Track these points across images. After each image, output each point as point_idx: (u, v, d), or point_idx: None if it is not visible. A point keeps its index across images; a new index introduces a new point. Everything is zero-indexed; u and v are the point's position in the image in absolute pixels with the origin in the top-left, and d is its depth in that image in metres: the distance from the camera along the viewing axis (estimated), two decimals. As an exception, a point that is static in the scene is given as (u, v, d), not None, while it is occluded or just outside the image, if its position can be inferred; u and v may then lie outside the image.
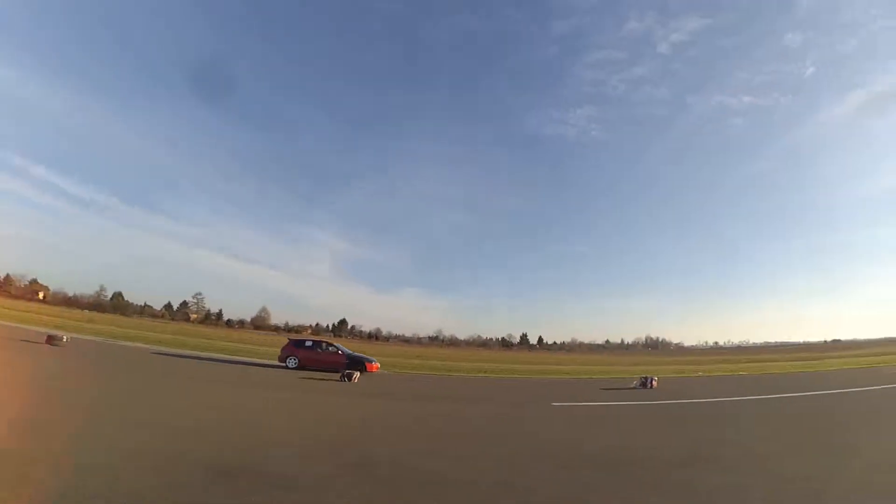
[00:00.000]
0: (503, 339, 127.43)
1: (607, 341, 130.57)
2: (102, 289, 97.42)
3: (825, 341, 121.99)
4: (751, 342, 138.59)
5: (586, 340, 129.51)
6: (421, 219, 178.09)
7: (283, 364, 18.37)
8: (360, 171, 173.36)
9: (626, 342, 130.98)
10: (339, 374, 15.37)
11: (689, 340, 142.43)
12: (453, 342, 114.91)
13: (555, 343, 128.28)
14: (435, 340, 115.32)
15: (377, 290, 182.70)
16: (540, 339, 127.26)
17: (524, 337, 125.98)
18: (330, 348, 19.39)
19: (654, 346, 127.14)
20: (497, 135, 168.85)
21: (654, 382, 17.13)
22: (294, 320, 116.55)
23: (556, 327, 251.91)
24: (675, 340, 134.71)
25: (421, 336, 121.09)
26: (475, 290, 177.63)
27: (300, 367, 18.03)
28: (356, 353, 19.75)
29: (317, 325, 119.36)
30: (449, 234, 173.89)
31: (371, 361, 18.43)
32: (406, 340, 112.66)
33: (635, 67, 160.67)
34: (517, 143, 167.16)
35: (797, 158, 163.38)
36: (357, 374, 15.42)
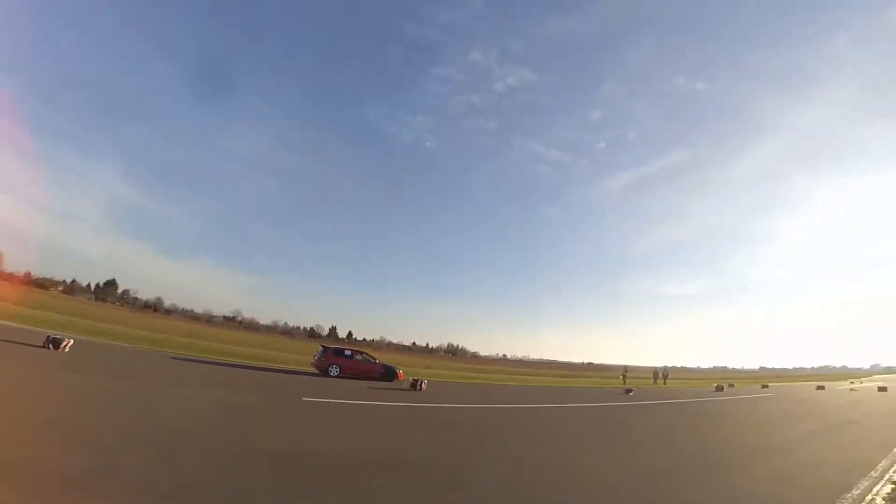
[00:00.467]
0: (311, 329, 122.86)
1: (414, 343, 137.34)
2: None
3: (583, 362, 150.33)
4: (533, 357, 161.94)
5: (395, 340, 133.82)
6: (229, 181, 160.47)
7: (324, 373, 18.38)
8: (162, 100, 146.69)
9: (430, 346, 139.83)
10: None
11: (486, 351, 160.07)
12: (252, 325, 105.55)
13: (364, 339, 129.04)
14: (230, 321, 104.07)
15: (164, 253, 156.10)
16: (349, 334, 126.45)
17: (333, 330, 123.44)
18: (366, 357, 20.25)
19: (454, 352, 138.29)
20: (335, 117, 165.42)
21: (423, 385, 17.83)
22: (41, 271, 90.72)
23: (368, 325, 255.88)
24: (472, 349, 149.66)
25: (214, 314, 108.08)
26: (286, 273, 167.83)
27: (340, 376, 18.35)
28: (388, 364, 20.91)
29: (73, 281, 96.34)
30: (260, 206, 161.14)
31: (399, 370, 20.45)
32: (195, 317, 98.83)
33: (473, 95, 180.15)
34: (355, 131, 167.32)
35: (585, 211, 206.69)
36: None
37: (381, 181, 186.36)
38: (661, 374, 40.58)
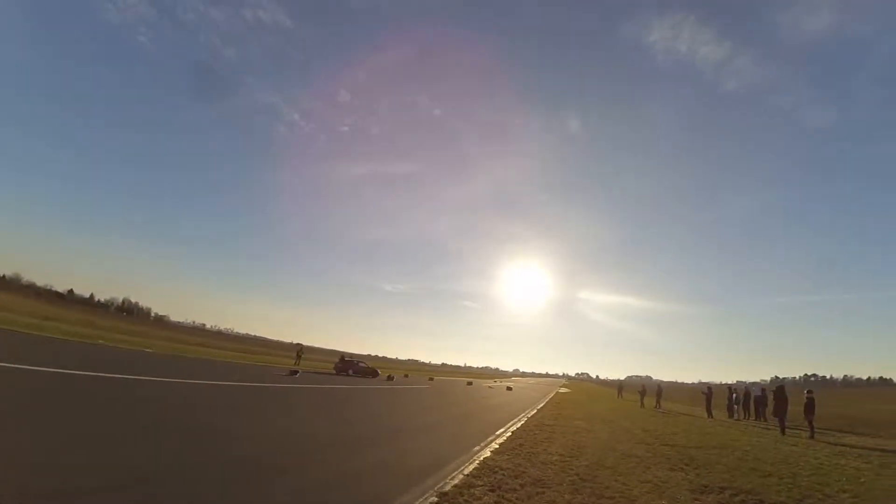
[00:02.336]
0: None
1: (71, 291, 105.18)
2: None
3: (292, 342, 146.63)
4: (239, 331, 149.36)
5: (39, 282, 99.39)
6: None
7: (344, 373, 31.50)
8: None
9: (98, 298, 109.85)
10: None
11: (179, 315, 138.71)
12: None
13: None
14: None
15: None
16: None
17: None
18: (361, 364, 36.22)
19: (129, 311, 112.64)
20: None
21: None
22: None
23: None
24: (160, 311, 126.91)
25: None
26: None
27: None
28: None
29: None
30: None
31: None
32: None
33: (213, 8, 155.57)
34: None
35: (318, 187, 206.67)
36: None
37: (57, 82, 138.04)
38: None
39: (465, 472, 6.65)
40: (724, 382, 27.61)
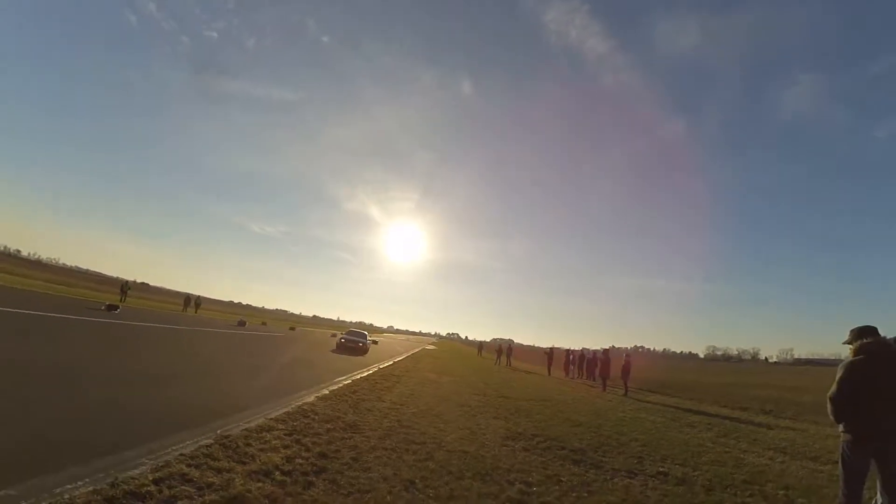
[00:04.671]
0: None
1: None
2: None
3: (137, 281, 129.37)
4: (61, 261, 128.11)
5: None
6: None
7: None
8: None
9: None
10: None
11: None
12: None
13: None
14: None
15: None
16: None
17: None
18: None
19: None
20: None
21: None
22: None
23: None
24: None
25: None
26: None
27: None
28: None
29: None
30: None
31: None
32: None
33: None
34: None
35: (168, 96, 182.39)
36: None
37: None
38: (193, 302, 37.25)
39: (271, 416, 5.93)
40: (571, 348, 30.81)
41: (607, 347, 23.16)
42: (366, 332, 29.25)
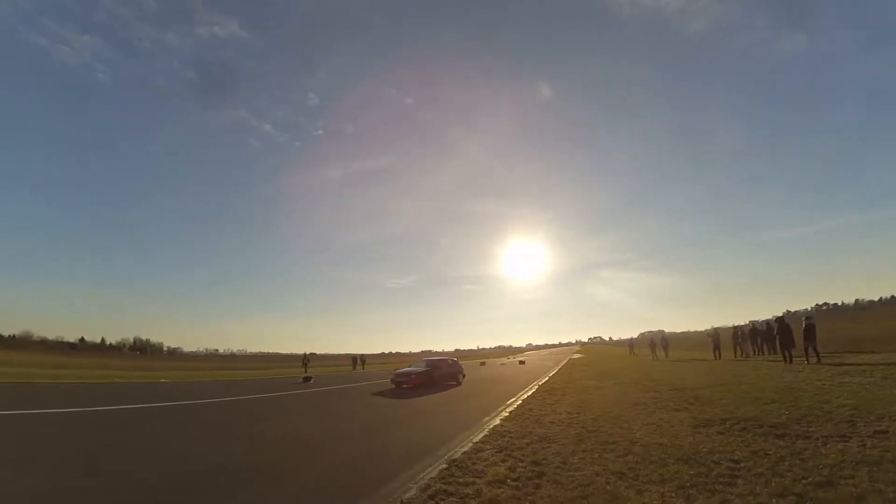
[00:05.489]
0: None
1: (82, 339, 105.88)
2: None
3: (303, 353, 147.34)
4: (250, 351, 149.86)
5: (50, 336, 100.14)
6: None
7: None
8: None
9: (107, 342, 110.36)
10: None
11: (190, 346, 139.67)
12: None
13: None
14: None
15: None
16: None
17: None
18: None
19: (142, 349, 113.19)
20: None
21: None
22: None
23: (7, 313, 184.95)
24: (172, 344, 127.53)
25: None
26: None
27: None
28: None
29: None
30: None
31: None
32: None
33: (167, 31, 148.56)
34: None
35: (303, 197, 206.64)
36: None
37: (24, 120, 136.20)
38: (359, 360, 41.71)
39: (475, 440, 6.89)
40: (735, 325, 27.99)
41: (780, 314, 20.71)
42: (453, 359, 22.94)
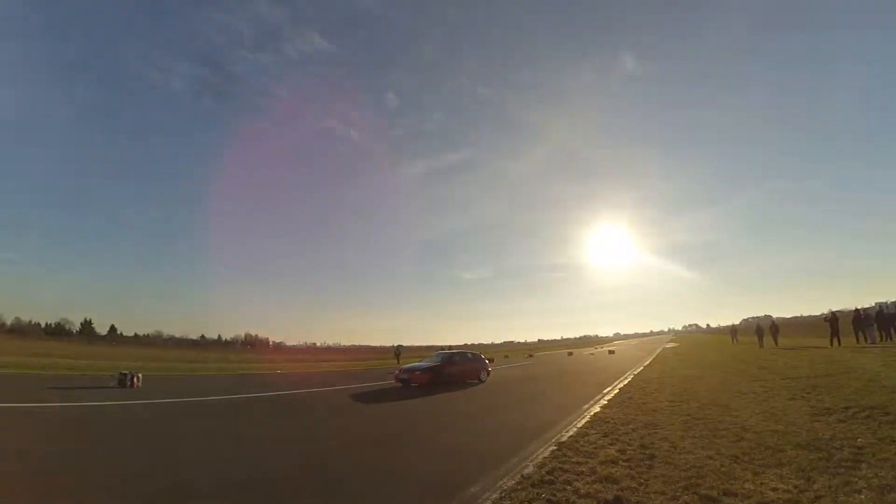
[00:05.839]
0: (55, 324, 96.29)
1: (202, 336, 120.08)
2: None
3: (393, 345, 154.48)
4: (345, 343, 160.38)
5: (177, 334, 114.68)
6: None
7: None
8: None
9: (223, 338, 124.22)
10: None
11: (293, 340, 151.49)
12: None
13: (135, 335, 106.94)
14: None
15: None
16: (112, 329, 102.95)
17: (87, 324, 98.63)
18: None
19: (252, 344, 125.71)
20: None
21: (136, 380, 13.98)
22: None
23: (140, 316, 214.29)
24: (276, 339, 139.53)
25: None
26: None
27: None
28: None
29: None
30: None
31: None
32: None
33: (260, 53, 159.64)
34: (107, 70, 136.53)
35: (387, 195, 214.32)
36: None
37: (140, 138, 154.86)
38: (397, 353, 43.26)
39: (578, 425, 7.28)
40: (857, 308, 24.66)
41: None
42: (473, 353, 19.35)
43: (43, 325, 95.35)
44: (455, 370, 16.40)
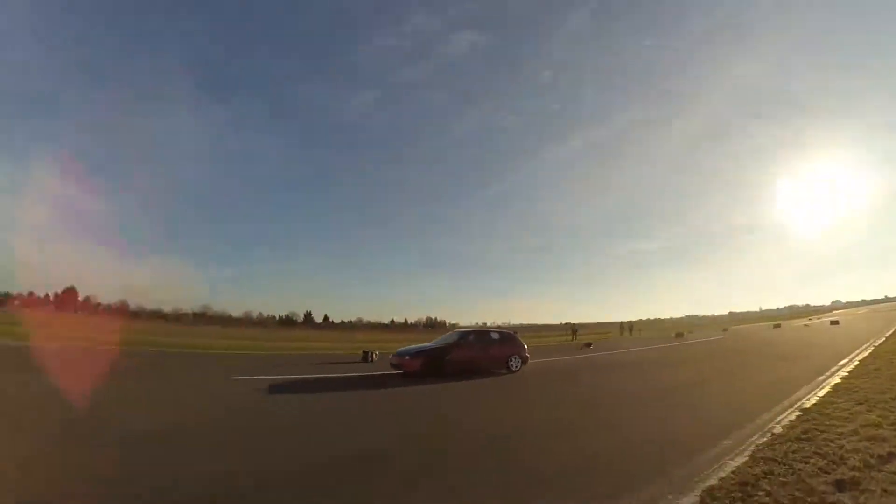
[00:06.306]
0: (286, 316, 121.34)
1: (392, 321, 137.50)
2: None
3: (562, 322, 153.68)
4: (515, 323, 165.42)
5: (372, 319, 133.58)
6: (172, 175, 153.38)
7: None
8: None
9: (409, 322, 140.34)
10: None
11: (467, 320, 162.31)
12: (223, 318, 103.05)
13: (342, 322, 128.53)
14: (200, 316, 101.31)
15: (120, 254, 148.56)
16: (326, 318, 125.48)
17: (308, 315, 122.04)
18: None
19: (433, 325, 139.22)
20: (268, 97, 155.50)
21: (374, 356, 17.45)
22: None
23: (342, 306, 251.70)
24: (453, 320, 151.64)
25: (184, 311, 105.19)
26: (251, 264, 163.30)
27: None
28: None
29: (31, 293, 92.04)
30: (211, 197, 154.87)
31: None
32: (163, 316, 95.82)
33: (420, 63, 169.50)
34: (291, 111, 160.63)
35: (551, 172, 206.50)
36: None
37: (329, 159, 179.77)
38: (626, 327, 41.73)
39: (820, 394, 6.99)
40: None
41: None
42: (506, 332, 15.14)
43: (277, 317, 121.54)
44: (465, 355, 12.86)
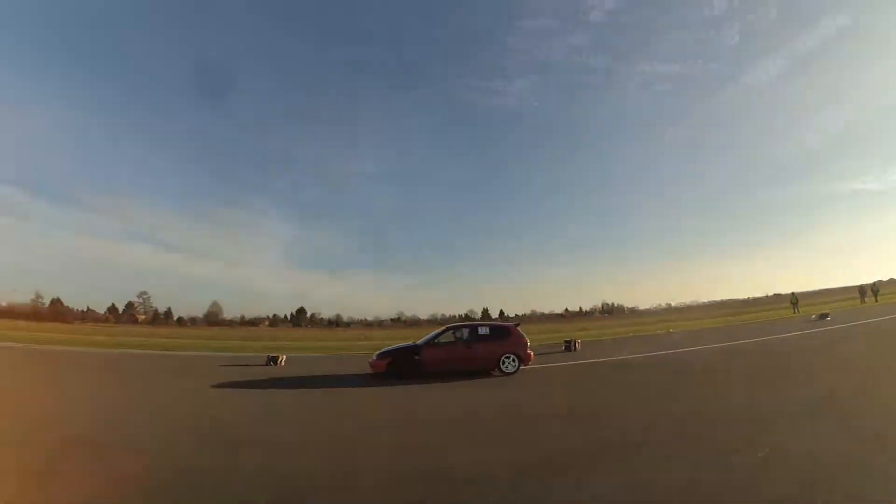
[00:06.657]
0: (466, 314, 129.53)
1: (566, 310, 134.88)
2: (38, 295, 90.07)
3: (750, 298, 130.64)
4: (700, 301, 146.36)
5: (546, 311, 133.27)
6: (359, 198, 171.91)
7: None
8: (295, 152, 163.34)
9: (583, 309, 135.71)
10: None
11: (644, 304, 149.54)
12: (415, 322, 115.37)
13: (515, 315, 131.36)
14: (397, 321, 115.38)
15: (329, 275, 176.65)
16: (501, 313, 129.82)
17: (486, 311, 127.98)
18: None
19: (609, 311, 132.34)
20: (431, 107, 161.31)
21: (577, 345, 18.05)
22: (249, 313, 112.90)
23: (518, 300, 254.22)
24: (629, 305, 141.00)
25: (382, 319, 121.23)
26: (433, 269, 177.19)
27: None
28: None
29: (273, 315, 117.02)
30: (390, 212, 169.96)
31: None
32: (367, 324, 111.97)
33: (571, 36, 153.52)
34: (452, 114, 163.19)
35: (717, 123, 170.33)
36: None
37: (494, 154, 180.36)
38: (870, 291, 33.30)
39: None
40: None
41: None
42: (501, 325, 12.91)
43: (458, 315, 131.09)
44: (439, 355, 11.40)
